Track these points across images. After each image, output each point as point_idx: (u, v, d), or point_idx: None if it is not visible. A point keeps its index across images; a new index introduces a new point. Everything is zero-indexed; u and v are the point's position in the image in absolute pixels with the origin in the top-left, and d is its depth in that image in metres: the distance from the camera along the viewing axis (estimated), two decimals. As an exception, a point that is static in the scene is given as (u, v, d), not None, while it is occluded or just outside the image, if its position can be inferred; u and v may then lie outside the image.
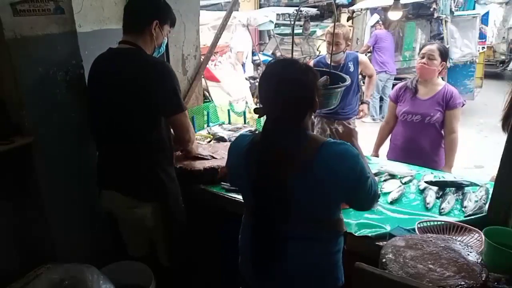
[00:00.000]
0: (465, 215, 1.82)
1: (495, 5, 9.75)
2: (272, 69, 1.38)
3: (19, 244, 1.93)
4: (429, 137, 2.63)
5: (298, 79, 1.31)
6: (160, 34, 1.86)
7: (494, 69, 10.11)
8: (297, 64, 1.36)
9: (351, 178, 1.28)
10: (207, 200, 2.18)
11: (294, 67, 1.34)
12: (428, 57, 2.56)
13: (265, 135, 1.35)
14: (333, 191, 1.29)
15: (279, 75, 1.32)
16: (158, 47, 1.90)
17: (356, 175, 1.28)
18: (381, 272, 1.22)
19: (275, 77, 1.32)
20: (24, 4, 1.65)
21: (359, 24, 8.74)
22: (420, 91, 2.64)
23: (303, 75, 1.32)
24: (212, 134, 2.79)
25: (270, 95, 1.33)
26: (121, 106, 1.78)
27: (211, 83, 5.46)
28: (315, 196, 1.29)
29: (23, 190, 1.87)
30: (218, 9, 9.33)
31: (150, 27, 1.80)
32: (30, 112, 1.76)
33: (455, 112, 2.58)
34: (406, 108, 2.66)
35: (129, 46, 1.80)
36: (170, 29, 1.96)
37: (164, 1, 1.90)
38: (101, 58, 1.85)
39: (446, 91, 2.58)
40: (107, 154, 1.94)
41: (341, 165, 1.26)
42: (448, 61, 6.73)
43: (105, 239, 2.20)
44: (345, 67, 3.22)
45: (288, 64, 1.37)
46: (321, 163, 1.25)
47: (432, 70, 2.57)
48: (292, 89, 1.30)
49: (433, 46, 2.61)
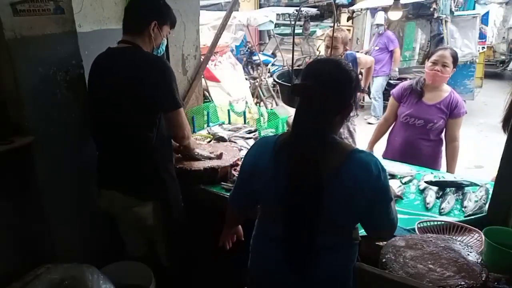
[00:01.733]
0: (465, 215, 1.82)
1: (495, 5, 9.75)
2: (317, 66, 1.35)
3: (19, 244, 1.93)
4: (428, 141, 2.61)
5: (340, 77, 1.27)
6: (159, 34, 1.87)
7: (494, 69, 10.10)
8: (339, 64, 1.32)
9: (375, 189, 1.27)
10: (207, 200, 2.18)
11: (337, 66, 1.30)
12: (442, 65, 2.48)
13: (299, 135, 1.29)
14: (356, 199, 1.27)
15: (321, 72, 1.28)
16: (157, 47, 1.91)
17: (379, 187, 1.27)
18: (381, 272, 1.22)
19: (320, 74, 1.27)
20: (24, 4, 1.65)
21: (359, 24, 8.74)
22: (426, 95, 2.59)
23: (345, 74, 1.28)
24: (212, 134, 2.79)
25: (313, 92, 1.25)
26: (119, 104, 1.78)
27: (211, 83, 5.46)
28: (341, 204, 1.27)
29: (23, 190, 1.87)
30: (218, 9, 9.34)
31: (149, 27, 1.81)
32: (30, 112, 1.76)
33: (458, 121, 2.55)
34: (410, 111, 2.62)
35: (127, 45, 1.80)
36: (170, 30, 1.96)
37: (164, 2, 1.90)
38: (100, 57, 1.86)
39: (452, 99, 2.54)
40: (107, 153, 1.94)
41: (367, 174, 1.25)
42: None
43: (105, 239, 2.20)
44: None
45: (333, 64, 1.33)
46: (346, 172, 1.24)
47: (445, 77, 2.53)
48: (333, 86, 1.25)
49: (446, 52, 2.52)
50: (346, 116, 1.34)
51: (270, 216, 1.41)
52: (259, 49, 8.80)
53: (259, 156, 1.39)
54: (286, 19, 9.49)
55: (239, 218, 1.73)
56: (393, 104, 2.77)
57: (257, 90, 6.88)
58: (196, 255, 2.25)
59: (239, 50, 8.18)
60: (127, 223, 2.02)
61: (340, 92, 1.27)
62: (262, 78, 7.04)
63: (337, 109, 1.29)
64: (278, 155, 1.32)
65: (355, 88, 1.31)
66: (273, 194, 1.34)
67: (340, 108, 1.30)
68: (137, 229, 1.99)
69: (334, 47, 3.08)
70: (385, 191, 1.31)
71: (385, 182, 1.29)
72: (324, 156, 1.25)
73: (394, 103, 2.75)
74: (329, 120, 1.29)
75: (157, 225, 1.93)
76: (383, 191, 1.30)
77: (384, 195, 1.31)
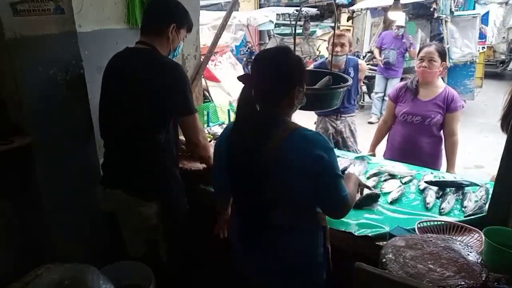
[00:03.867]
0: (465, 215, 1.82)
1: (495, 5, 9.76)
2: (261, 53, 1.51)
3: (19, 244, 1.93)
4: (428, 138, 2.63)
5: (279, 60, 1.38)
6: (176, 37, 1.88)
7: (494, 69, 10.11)
8: (281, 49, 1.47)
9: (319, 165, 1.30)
10: (207, 200, 2.18)
11: (277, 51, 1.45)
12: (428, 60, 2.55)
13: (242, 116, 1.40)
14: (300, 174, 1.31)
15: (263, 58, 1.43)
16: (173, 50, 1.92)
17: (324, 163, 1.30)
18: (381, 272, 1.22)
19: (262, 60, 1.42)
20: (24, 4, 1.65)
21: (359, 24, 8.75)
22: (421, 93, 2.64)
23: (284, 57, 1.40)
24: (212, 134, 2.79)
25: (254, 74, 1.39)
26: (131, 105, 1.79)
27: (211, 83, 5.46)
28: (287, 178, 1.32)
29: (23, 190, 1.87)
30: (218, 9, 9.35)
31: (167, 30, 1.83)
32: (30, 112, 1.76)
33: (455, 115, 2.58)
34: (407, 109, 2.65)
35: (144, 46, 1.81)
36: (187, 34, 1.97)
37: (182, 6, 1.92)
38: (117, 56, 1.87)
39: (447, 94, 2.57)
40: (115, 153, 1.94)
41: (311, 150, 1.30)
42: (448, 61, 6.77)
43: (105, 239, 2.20)
44: (346, 72, 3.23)
45: (275, 49, 1.49)
46: (290, 146, 1.29)
47: (434, 73, 2.57)
48: (271, 69, 1.36)
49: (431, 48, 2.60)
50: (293, 99, 1.39)
51: (233, 198, 1.55)
52: (259, 49, 8.81)
53: (223, 140, 1.52)
54: (286, 19, 9.49)
55: (225, 202, 1.77)
56: (390, 105, 2.82)
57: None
58: (196, 255, 2.25)
59: (239, 50, 8.20)
60: (130, 223, 2.02)
61: (279, 74, 1.36)
62: (262, 78, 7.02)
63: (280, 93, 1.37)
64: (229, 138, 1.45)
65: (300, 72, 1.40)
66: (228, 174, 1.47)
67: (283, 92, 1.37)
68: (139, 229, 1.99)
69: (342, 44, 3.12)
70: (330, 167, 1.33)
71: (330, 158, 1.32)
72: (268, 135, 1.32)
73: (391, 104, 2.80)
74: (272, 103, 1.36)
75: (159, 225, 1.93)
76: (328, 166, 1.32)
77: (331, 172, 1.33)
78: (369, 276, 1.19)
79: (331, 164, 1.33)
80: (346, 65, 3.26)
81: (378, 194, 1.97)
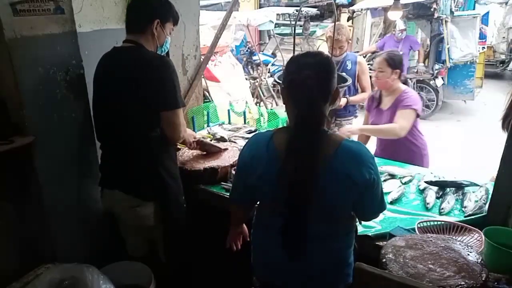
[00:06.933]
0: (465, 215, 1.82)
1: (495, 5, 9.76)
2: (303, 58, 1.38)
3: (19, 244, 1.93)
4: (400, 144, 2.59)
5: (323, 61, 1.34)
6: (162, 33, 1.86)
7: (494, 69, 10.10)
8: (323, 55, 1.40)
9: (370, 177, 1.30)
10: (207, 200, 2.18)
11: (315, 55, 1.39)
12: (378, 71, 2.60)
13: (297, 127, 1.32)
14: (348, 187, 1.30)
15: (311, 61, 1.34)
16: (161, 46, 1.90)
17: (372, 174, 1.30)
18: (381, 272, 1.22)
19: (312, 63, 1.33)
20: (24, 4, 1.65)
21: (359, 24, 8.74)
22: (384, 102, 2.69)
23: (326, 59, 1.36)
24: (212, 134, 2.79)
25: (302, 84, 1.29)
26: (122, 103, 1.78)
27: (211, 83, 5.46)
28: (333, 193, 1.31)
29: (23, 190, 1.87)
30: (218, 9, 9.35)
31: (151, 26, 1.81)
32: (30, 112, 1.76)
33: (403, 112, 2.52)
34: (373, 119, 2.75)
35: (130, 44, 1.81)
36: (173, 27, 1.95)
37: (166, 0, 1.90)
38: (104, 57, 1.86)
39: (400, 96, 2.57)
40: (110, 152, 1.93)
41: (362, 161, 1.30)
42: (449, 61, 6.77)
43: (105, 239, 2.20)
44: (343, 65, 3.21)
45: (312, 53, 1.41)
46: (341, 155, 1.29)
47: (383, 82, 2.61)
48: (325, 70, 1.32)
49: (380, 58, 2.64)
50: (332, 102, 1.37)
51: (270, 209, 1.45)
52: (259, 49, 8.81)
53: (254, 152, 1.41)
54: (286, 19, 9.48)
55: (243, 217, 1.73)
56: (366, 115, 2.92)
57: (257, 90, 6.88)
58: (196, 255, 2.24)
59: (239, 50, 8.19)
60: (128, 223, 2.02)
61: (325, 79, 1.32)
62: (262, 78, 7.04)
63: (325, 97, 1.32)
64: (275, 149, 1.35)
65: (335, 74, 1.37)
66: (271, 187, 1.37)
67: (328, 96, 1.33)
68: (138, 229, 1.99)
69: (340, 47, 3.13)
70: (378, 178, 1.34)
71: (376, 169, 1.33)
72: (319, 147, 1.29)
73: (367, 114, 2.89)
74: (321, 110, 1.31)
75: (157, 225, 1.93)
76: (377, 178, 1.33)
77: (377, 182, 1.34)
78: (369, 276, 1.19)
79: (378, 175, 1.34)
80: (344, 58, 3.23)
81: None
